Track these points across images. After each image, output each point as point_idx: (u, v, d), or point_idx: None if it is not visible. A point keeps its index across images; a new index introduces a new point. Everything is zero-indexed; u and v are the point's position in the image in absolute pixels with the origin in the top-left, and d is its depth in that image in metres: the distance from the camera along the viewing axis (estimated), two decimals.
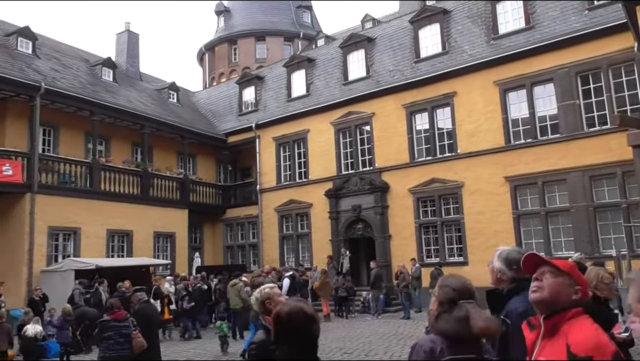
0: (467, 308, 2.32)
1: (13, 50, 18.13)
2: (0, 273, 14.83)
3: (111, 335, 6.28)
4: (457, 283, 2.44)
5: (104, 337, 6.34)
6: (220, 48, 34.99)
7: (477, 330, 2.25)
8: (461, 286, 2.42)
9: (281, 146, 22.27)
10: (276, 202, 21.86)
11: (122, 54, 25.21)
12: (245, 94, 24.97)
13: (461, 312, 2.31)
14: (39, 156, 16.20)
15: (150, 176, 19.81)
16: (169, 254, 20.25)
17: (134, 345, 6.37)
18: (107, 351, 6.27)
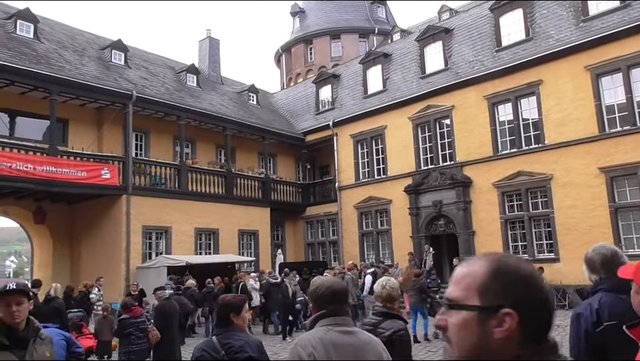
0: None
1: (107, 62, 19.48)
2: (100, 269, 15.99)
3: (131, 331, 6.96)
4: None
5: (125, 333, 7.03)
6: (296, 48, 35.53)
7: None
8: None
9: (358, 143, 22.25)
10: (355, 199, 21.89)
11: (204, 60, 26.30)
12: (322, 93, 25.19)
13: None
14: (132, 160, 17.29)
15: (233, 176, 20.54)
16: (253, 251, 20.89)
17: (150, 338, 7.11)
18: (130, 346, 6.96)
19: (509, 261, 1.12)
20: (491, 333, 1.03)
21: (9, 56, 15.20)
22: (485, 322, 1.04)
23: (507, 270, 1.08)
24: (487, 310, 1.04)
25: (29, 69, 15.20)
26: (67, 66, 17.02)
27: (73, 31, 20.94)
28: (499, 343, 1.02)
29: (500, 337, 1.02)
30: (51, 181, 15.00)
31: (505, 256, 1.14)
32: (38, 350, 2.90)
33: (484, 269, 1.09)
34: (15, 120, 16.64)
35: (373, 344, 2.38)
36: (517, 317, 1.02)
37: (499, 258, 1.12)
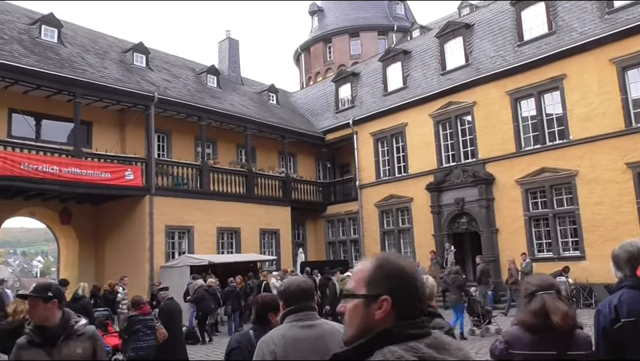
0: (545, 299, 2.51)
1: (129, 65, 19.75)
2: (124, 268, 16.24)
3: (139, 328, 7.10)
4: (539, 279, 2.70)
5: (134, 330, 7.15)
6: (315, 47, 35.55)
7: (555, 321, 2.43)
8: (541, 282, 2.64)
9: (378, 141, 22.16)
10: (376, 197, 21.81)
11: (224, 61, 26.49)
12: (341, 91, 25.15)
13: (536, 304, 2.52)
14: (155, 161, 17.50)
15: (254, 175, 20.64)
16: (274, 250, 20.97)
17: (158, 335, 7.31)
18: (138, 342, 7.10)
19: (390, 258, 1.40)
20: (373, 314, 1.32)
21: (34, 61, 15.53)
22: (369, 306, 1.33)
23: (386, 266, 1.37)
24: (371, 297, 1.33)
25: (54, 73, 15.51)
26: (90, 69, 17.30)
27: (95, 35, 21.28)
28: (378, 321, 1.31)
29: (379, 317, 1.31)
30: (76, 182, 15.27)
31: (388, 254, 1.42)
32: (70, 345, 2.96)
33: (370, 265, 1.38)
34: (40, 123, 16.98)
35: (335, 333, 2.41)
36: (391, 301, 1.30)
37: (382, 256, 1.40)
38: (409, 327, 1.29)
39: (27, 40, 16.83)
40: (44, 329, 2.96)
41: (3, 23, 17.13)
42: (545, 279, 2.71)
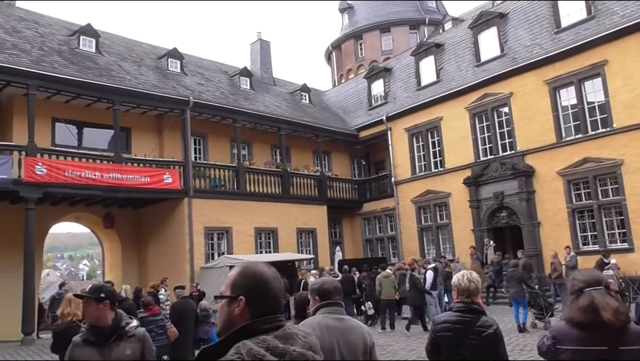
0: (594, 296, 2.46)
1: (165, 71, 20.16)
2: (166, 270, 16.58)
3: (152, 328, 7.17)
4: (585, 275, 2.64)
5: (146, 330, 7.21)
6: (346, 45, 35.43)
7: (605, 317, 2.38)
8: (588, 278, 2.59)
9: (413, 136, 21.91)
10: (412, 193, 21.57)
11: (256, 63, 26.71)
12: (374, 87, 24.99)
13: (584, 301, 2.48)
14: (192, 164, 17.81)
15: (289, 175, 20.75)
16: (312, 249, 21.03)
17: (169, 334, 7.51)
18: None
19: (250, 266, 1.69)
20: (233, 311, 1.60)
21: (74, 71, 16.03)
22: (230, 305, 1.62)
23: (246, 272, 1.66)
24: (232, 298, 1.63)
25: (93, 82, 15.97)
26: (127, 76, 17.74)
27: (131, 43, 21.80)
28: (237, 317, 1.59)
29: (237, 314, 1.59)
30: (118, 187, 15.69)
31: (252, 263, 1.71)
32: (120, 346, 3.05)
33: (235, 272, 1.69)
34: (82, 131, 17.53)
35: (357, 328, 2.92)
36: (245, 300, 1.59)
37: (245, 265, 1.71)
38: (262, 323, 1.55)
39: (66, 51, 17.39)
40: (97, 329, 3.06)
41: (44, 36, 17.76)
42: (591, 275, 2.63)
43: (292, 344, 1.53)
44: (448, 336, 3.36)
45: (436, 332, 3.44)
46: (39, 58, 15.77)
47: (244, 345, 1.46)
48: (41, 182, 14.06)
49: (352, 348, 2.79)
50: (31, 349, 12.32)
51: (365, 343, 2.87)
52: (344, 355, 2.76)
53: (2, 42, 15.69)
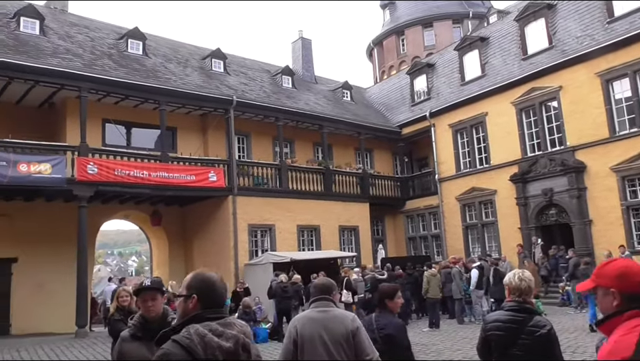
0: None
1: (208, 71, 20.54)
2: (211, 267, 16.70)
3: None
4: None
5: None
6: (388, 41, 35.12)
7: None
8: None
9: (457, 132, 21.50)
10: (456, 190, 21.18)
11: (298, 61, 26.84)
12: (416, 83, 24.66)
13: None
14: (236, 162, 18.07)
15: (331, 173, 20.75)
16: (354, 247, 20.96)
17: None
18: None
19: (201, 273, 2.20)
20: (188, 306, 2.08)
21: (123, 73, 16.56)
22: (186, 302, 2.09)
23: (197, 276, 2.17)
24: (187, 296, 2.11)
25: (140, 83, 16.45)
26: (173, 77, 18.17)
27: (176, 44, 22.32)
28: (190, 310, 2.07)
29: (191, 307, 2.07)
30: (165, 186, 16.10)
31: (202, 270, 2.24)
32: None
33: (190, 277, 2.19)
34: (130, 131, 18.08)
35: (339, 317, 3.40)
36: (196, 298, 2.07)
37: (196, 271, 2.23)
38: (208, 313, 2.03)
39: (115, 54, 17.97)
40: (147, 324, 3.11)
41: (94, 40, 18.41)
42: None
43: (230, 328, 1.99)
44: (499, 335, 3.30)
45: (486, 331, 3.38)
46: (90, 62, 16.36)
47: (192, 327, 1.95)
48: (93, 181, 14.60)
49: (334, 334, 3.29)
50: (85, 341, 12.81)
51: (347, 328, 3.31)
52: (326, 340, 3.28)
53: (56, 47, 16.38)
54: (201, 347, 1.87)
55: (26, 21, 16.55)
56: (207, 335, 1.90)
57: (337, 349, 3.26)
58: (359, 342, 3.29)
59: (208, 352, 1.86)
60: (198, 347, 1.86)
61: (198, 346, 1.87)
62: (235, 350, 1.92)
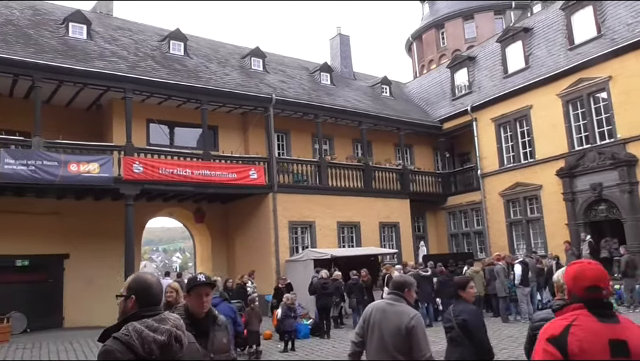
0: None
1: (248, 70, 20.77)
2: (253, 263, 17.13)
3: None
4: None
5: None
6: (427, 35, 34.62)
7: None
8: None
9: (500, 126, 20.98)
10: (500, 186, 20.68)
11: (336, 58, 26.79)
12: (457, 77, 24.20)
13: None
14: (276, 160, 18.23)
15: (371, 169, 20.64)
16: (395, 243, 20.80)
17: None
18: None
19: (140, 275, 2.43)
20: (128, 305, 2.29)
21: (165, 74, 16.95)
22: (125, 301, 2.30)
23: (135, 279, 2.38)
24: (126, 297, 2.31)
25: (182, 83, 16.79)
26: (213, 77, 18.47)
27: (216, 44, 22.66)
28: (129, 309, 2.27)
29: (130, 306, 2.27)
30: (207, 183, 16.41)
31: (141, 273, 2.48)
32: (217, 336, 3.15)
33: (130, 279, 2.40)
34: (173, 130, 18.50)
35: (400, 313, 3.73)
36: (134, 298, 2.28)
37: (136, 275, 2.45)
38: (144, 311, 2.24)
39: (158, 55, 18.41)
40: (197, 320, 3.12)
41: (138, 42, 18.91)
42: None
43: (164, 324, 2.20)
44: None
45: (534, 330, 3.29)
46: (135, 64, 16.83)
47: (131, 324, 2.15)
48: (138, 179, 15.02)
49: (390, 326, 3.68)
50: None
51: (403, 325, 3.63)
52: (382, 330, 3.71)
53: (102, 50, 16.92)
54: (139, 342, 2.09)
55: (74, 26, 17.17)
56: (144, 331, 2.12)
57: (390, 340, 3.65)
58: (415, 340, 3.59)
59: (145, 347, 2.09)
60: (136, 342, 2.08)
61: (136, 341, 2.09)
62: (169, 342, 2.16)
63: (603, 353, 2.09)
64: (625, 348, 2.11)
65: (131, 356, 2.06)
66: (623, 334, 2.15)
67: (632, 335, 2.15)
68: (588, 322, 2.18)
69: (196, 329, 3.08)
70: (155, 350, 2.11)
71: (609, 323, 2.18)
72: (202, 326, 3.10)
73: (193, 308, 3.16)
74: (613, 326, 2.17)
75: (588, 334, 2.14)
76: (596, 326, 2.16)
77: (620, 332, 2.15)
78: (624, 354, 2.09)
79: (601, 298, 2.26)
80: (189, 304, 3.19)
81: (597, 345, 2.11)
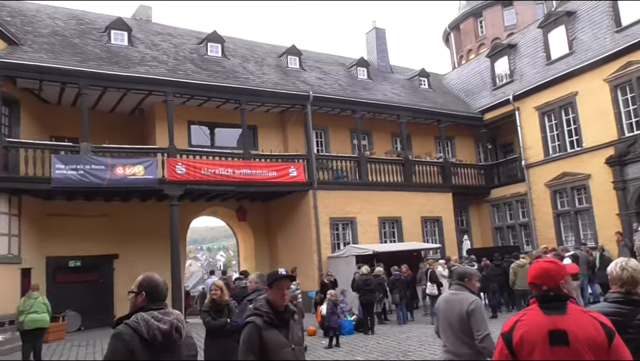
0: None
1: (285, 68, 20.89)
2: (295, 260, 17.24)
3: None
4: None
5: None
6: (465, 24, 33.91)
7: None
8: None
9: (544, 115, 20.33)
10: (545, 176, 20.06)
11: (372, 52, 26.59)
12: (497, 66, 23.60)
13: None
14: (315, 157, 18.27)
15: (411, 163, 20.41)
16: (437, 238, 20.52)
17: None
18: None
19: (149, 275, 2.80)
20: (139, 300, 2.72)
21: (205, 76, 17.25)
22: (137, 297, 2.73)
23: (146, 279, 2.78)
24: (137, 293, 2.74)
25: (221, 85, 17.04)
26: (251, 77, 18.67)
27: (252, 44, 22.89)
28: (140, 303, 2.71)
29: (140, 301, 2.71)
30: (248, 182, 16.62)
31: (150, 274, 2.82)
32: (294, 328, 3.28)
33: (140, 278, 2.79)
34: (214, 131, 18.83)
35: (460, 301, 4.30)
36: (144, 295, 2.71)
37: (145, 275, 2.81)
38: (152, 305, 2.68)
39: (196, 58, 18.75)
40: (277, 312, 3.26)
41: (177, 46, 19.32)
42: None
43: (167, 316, 2.65)
44: None
45: None
46: (174, 67, 17.20)
47: (139, 314, 2.62)
48: (181, 180, 15.37)
49: (453, 312, 4.31)
50: None
51: (463, 309, 4.22)
52: (448, 316, 4.36)
53: (143, 56, 17.37)
54: (145, 328, 2.54)
55: (116, 34, 17.69)
56: (150, 320, 2.57)
57: (456, 325, 4.27)
58: (473, 321, 4.16)
59: (150, 332, 2.54)
60: (142, 328, 2.54)
61: (142, 327, 2.54)
62: (170, 331, 2.59)
63: (542, 342, 2.27)
64: (564, 338, 2.26)
65: (136, 338, 2.51)
66: (564, 325, 2.29)
67: (573, 325, 2.28)
68: (533, 316, 2.38)
69: (279, 320, 3.20)
70: (158, 336, 2.54)
71: (553, 315, 2.34)
72: (283, 318, 3.24)
73: (274, 301, 3.28)
74: (556, 318, 2.32)
75: (530, 327, 2.34)
76: (538, 319, 2.35)
77: (561, 323, 2.30)
78: (563, 343, 2.25)
79: (545, 293, 2.41)
80: (271, 296, 3.32)
81: (536, 336, 2.29)
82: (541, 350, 2.28)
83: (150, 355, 2.51)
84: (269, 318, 3.20)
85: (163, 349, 2.56)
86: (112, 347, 2.53)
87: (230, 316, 6.05)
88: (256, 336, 3.16)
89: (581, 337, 2.27)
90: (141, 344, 2.50)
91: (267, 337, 3.14)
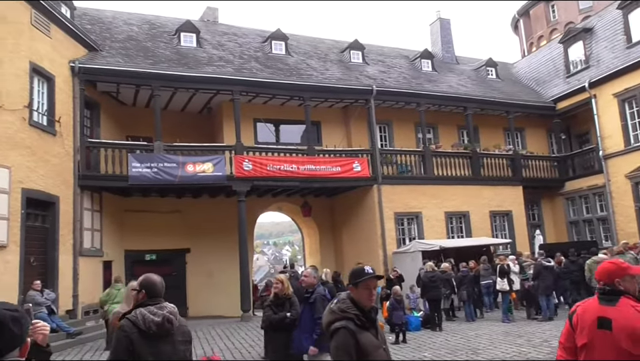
0: None
1: (347, 63, 20.87)
2: (360, 255, 17.21)
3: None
4: None
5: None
6: (535, 9, 32.41)
7: None
8: None
9: (624, 102, 19.08)
10: (626, 167, 18.83)
11: (437, 43, 26.01)
12: (571, 52, 22.38)
13: None
14: (379, 151, 18.14)
15: (479, 156, 19.81)
16: (507, 233, 19.82)
17: None
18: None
19: (147, 275, 3.30)
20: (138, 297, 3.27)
21: (269, 74, 17.57)
22: (137, 294, 3.27)
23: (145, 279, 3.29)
24: (138, 291, 3.26)
25: (285, 82, 17.30)
26: (314, 73, 18.80)
27: (315, 41, 23.02)
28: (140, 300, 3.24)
29: (140, 298, 3.24)
30: (312, 178, 16.78)
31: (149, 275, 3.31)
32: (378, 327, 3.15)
33: (141, 278, 3.31)
34: (279, 128, 19.15)
35: None
36: (144, 292, 3.23)
37: (145, 275, 3.32)
38: (150, 301, 3.16)
39: (261, 56, 19.12)
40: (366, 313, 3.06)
41: (242, 45, 19.79)
42: None
43: (161, 310, 3.12)
44: None
45: None
46: (240, 66, 17.64)
47: (138, 309, 3.11)
48: (248, 176, 15.77)
49: None
50: (249, 324, 13.93)
51: None
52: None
53: (210, 56, 17.94)
54: (142, 321, 3.06)
55: (185, 36, 18.38)
56: (146, 314, 3.08)
57: None
58: None
59: (145, 324, 3.05)
60: (140, 321, 3.06)
61: (140, 320, 3.06)
62: (162, 322, 3.08)
63: (591, 324, 2.87)
64: (608, 324, 2.81)
65: (135, 330, 3.05)
66: (612, 314, 2.83)
67: (619, 316, 2.80)
68: (591, 303, 3.00)
69: (370, 321, 3.04)
70: (153, 327, 3.06)
71: (605, 305, 2.89)
72: (371, 317, 3.07)
73: (360, 301, 3.07)
74: (607, 308, 2.87)
75: (585, 311, 2.97)
76: (593, 306, 2.95)
77: (609, 312, 2.85)
78: (607, 328, 2.80)
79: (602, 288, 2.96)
80: (355, 296, 3.09)
81: (588, 318, 2.91)
82: (589, 330, 2.87)
83: (147, 342, 3.05)
84: (359, 320, 3.00)
85: (158, 337, 3.08)
86: (116, 337, 3.13)
87: (291, 309, 6.11)
88: (352, 342, 2.97)
89: (624, 326, 2.74)
90: (139, 334, 3.04)
91: (362, 341, 2.96)
